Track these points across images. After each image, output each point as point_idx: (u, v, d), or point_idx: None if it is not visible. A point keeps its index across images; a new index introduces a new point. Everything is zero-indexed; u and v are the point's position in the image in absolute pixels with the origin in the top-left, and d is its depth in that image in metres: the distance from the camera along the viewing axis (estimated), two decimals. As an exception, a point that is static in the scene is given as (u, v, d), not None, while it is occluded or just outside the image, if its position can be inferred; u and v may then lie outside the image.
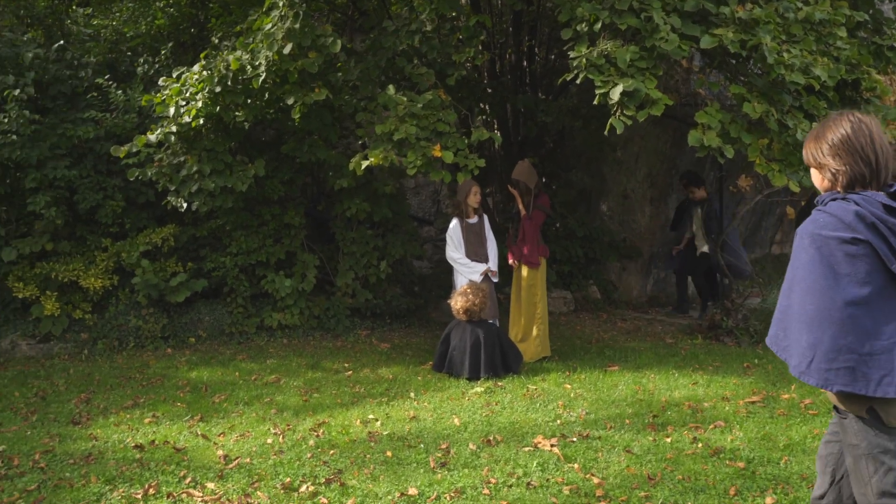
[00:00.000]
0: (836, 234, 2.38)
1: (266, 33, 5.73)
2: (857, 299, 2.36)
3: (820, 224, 2.43)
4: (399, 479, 4.02)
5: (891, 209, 2.38)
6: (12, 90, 7.31)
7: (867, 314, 2.36)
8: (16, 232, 7.80)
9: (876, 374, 2.34)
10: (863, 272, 2.36)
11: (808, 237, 2.46)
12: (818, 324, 2.40)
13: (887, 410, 2.39)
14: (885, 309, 2.37)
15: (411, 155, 5.67)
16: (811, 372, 2.42)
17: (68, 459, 4.52)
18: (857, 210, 2.38)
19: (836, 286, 2.38)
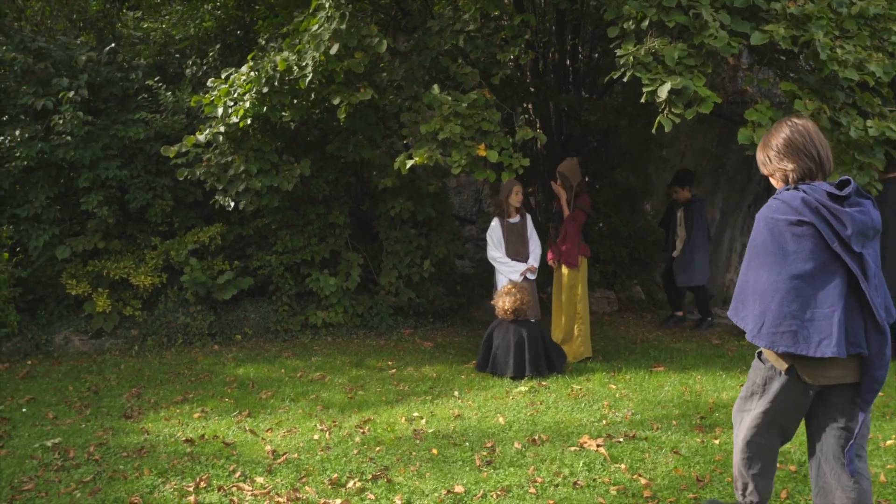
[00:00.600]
0: (785, 217, 2.77)
1: (313, 34, 5.79)
2: (802, 273, 2.73)
3: (773, 209, 2.82)
4: (445, 477, 4.04)
5: (833, 196, 2.74)
6: (67, 92, 7.50)
7: (810, 286, 2.73)
8: (69, 231, 8.01)
9: (816, 337, 2.70)
10: (807, 250, 2.73)
11: (762, 220, 2.86)
12: (769, 294, 2.77)
13: (810, 370, 2.80)
14: (826, 281, 2.72)
15: (456, 154, 5.68)
16: (761, 336, 2.80)
17: (122, 452, 4.63)
18: (804, 197, 2.76)
19: (784, 262, 2.76)
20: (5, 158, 7.67)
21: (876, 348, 2.73)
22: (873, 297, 2.72)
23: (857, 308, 2.74)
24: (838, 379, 2.79)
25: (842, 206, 2.74)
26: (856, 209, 2.74)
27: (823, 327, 2.69)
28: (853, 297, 2.74)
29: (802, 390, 2.86)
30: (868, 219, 2.75)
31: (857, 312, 2.74)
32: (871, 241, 2.79)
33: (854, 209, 2.74)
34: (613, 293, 9.29)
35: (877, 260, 2.82)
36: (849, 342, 2.71)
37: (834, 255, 2.72)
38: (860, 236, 2.73)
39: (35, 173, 7.76)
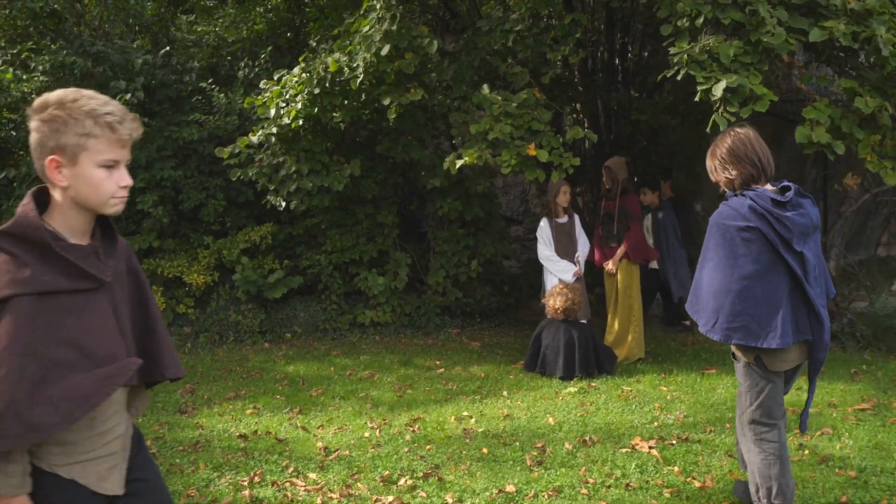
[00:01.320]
0: (735, 224, 3.03)
1: (364, 35, 5.85)
2: (751, 274, 3.01)
3: (723, 215, 3.08)
4: (496, 476, 4.04)
5: (776, 202, 3.00)
6: (124, 95, 7.69)
7: (758, 285, 3.01)
8: (125, 230, 8.20)
9: (764, 331, 3.00)
10: (755, 253, 3.00)
11: (714, 226, 3.13)
12: (723, 294, 3.05)
13: (769, 359, 3.11)
14: (773, 280, 3.01)
15: (506, 154, 5.68)
16: (716, 330, 3.07)
17: (178, 446, 4.73)
18: (751, 204, 3.00)
19: (734, 264, 3.03)
20: (65, 159, 7.89)
21: (817, 335, 3.07)
22: (814, 294, 3.04)
23: (801, 300, 3.06)
24: (795, 362, 3.17)
25: (784, 211, 3.01)
26: (796, 212, 3.03)
27: (770, 322, 3.00)
28: (797, 290, 3.05)
29: (773, 376, 3.17)
30: (807, 220, 3.04)
31: (801, 304, 3.06)
32: (810, 238, 3.09)
33: (794, 212, 3.03)
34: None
35: (817, 252, 3.15)
36: (796, 331, 3.04)
37: (778, 255, 3.01)
38: (801, 236, 3.03)
39: (93, 174, 7.95)
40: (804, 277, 3.02)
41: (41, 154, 1.79)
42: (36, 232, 1.76)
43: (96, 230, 1.92)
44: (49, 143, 1.78)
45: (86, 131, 1.78)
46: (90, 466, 1.89)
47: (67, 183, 1.80)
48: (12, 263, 1.74)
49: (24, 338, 1.71)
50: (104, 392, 1.82)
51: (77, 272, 1.80)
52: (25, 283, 1.72)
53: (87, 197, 1.82)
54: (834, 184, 8.38)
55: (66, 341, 1.78)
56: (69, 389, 1.77)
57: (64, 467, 1.85)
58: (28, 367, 1.71)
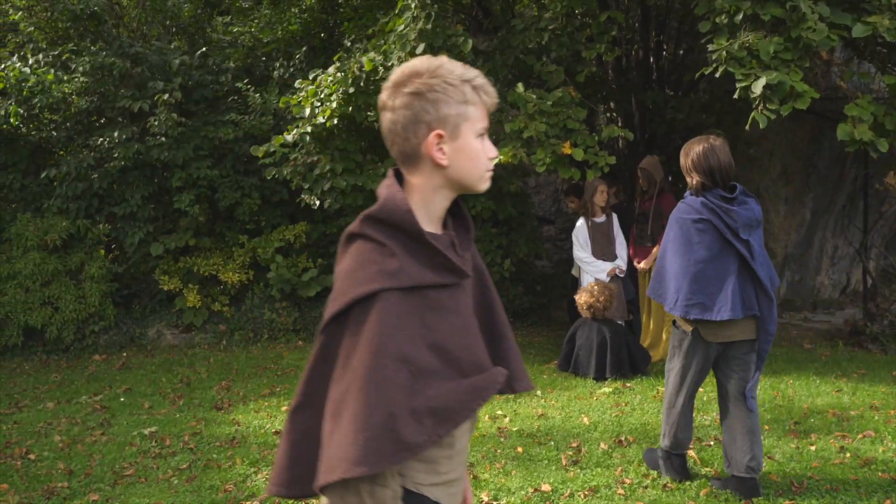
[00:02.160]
0: (690, 217, 3.61)
1: (399, 34, 5.86)
2: (704, 258, 3.57)
3: (681, 211, 3.67)
4: (531, 475, 4.02)
5: (725, 199, 3.56)
6: (162, 95, 7.80)
7: (710, 267, 3.56)
8: (162, 228, 8.32)
9: (717, 306, 3.53)
10: (707, 241, 3.56)
11: (673, 220, 3.70)
12: (681, 276, 3.60)
13: (707, 330, 3.62)
14: (723, 263, 3.56)
15: (541, 153, 5.65)
16: (677, 307, 3.61)
17: (215, 442, 4.78)
18: (703, 201, 3.59)
19: (690, 251, 3.59)
20: (104, 159, 8.03)
21: (766, 310, 3.57)
22: (760, 272, 3.55)
23: (749, 280, 3.57)
24: (734, 336, 3.61)
25: (731, 206, 3.55)
26: (742, 207, 3.57)
27: (722, 297, 3.52)
28: (745, 272, 3.57)
29: (707, 347, 3.66)
30: (751, 213, 3.58)
31: (749, 284, 3.57)
32: (755, 230, 3.62)
33: (740, 207, 3.57)
34: (697, 295, 9.08)
35: (761, 243, 3.66)
36: (744, 307, 3.53)
37: (728, 243, 3.55)
38: (746, 227, 3.56)
39: (131, 173, 8.09)
40: (751, 260, 3.55)
41: (416, 131, 1.54)
42: (406, 217, 1.51)
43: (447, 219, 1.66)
44: (427, 116, 1.53)
45: (465, 98, 1.56)
46: (448, 489, 1.63)
47: (448, 160, 1.55)
48: (378, 253, 1.50)
49: (394, 340, 1.46)
50: (471, 406, 1.55)
51: (444, 264, 1.55)
52: (393, 276, 1.48)
53: (467, 173, 1.58)
54: (875, 183, 8.23)
55: (433, 345, 1.52)
56: (434, 401, 1.50)
57: (428, 487, 1.58)
58: (399, 374, 1.46)
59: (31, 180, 8.33)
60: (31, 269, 7.64)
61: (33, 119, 8.39)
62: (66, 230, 7.86)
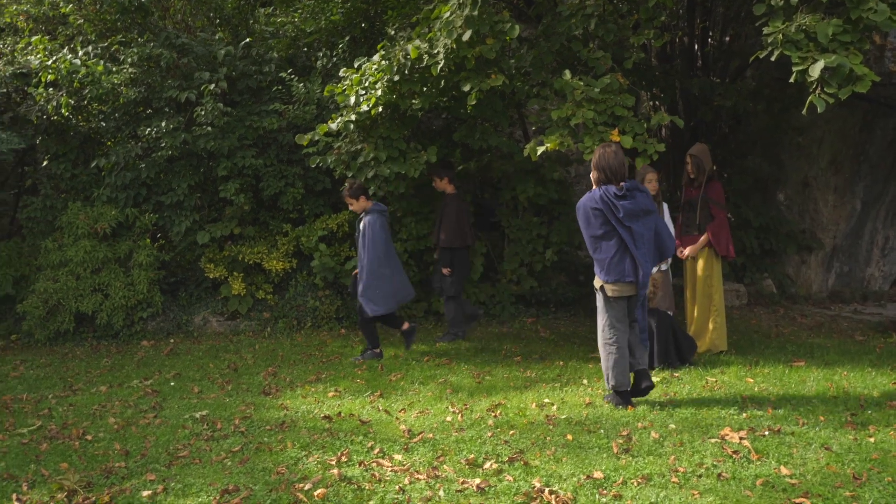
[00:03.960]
0: (590, 205, 4.80)
1: (445, 21, 5.83)
2: (598, 235, 4.80)
3: (584, 200, 4.86)
4: (582, 463, 4.00)
5: (616, 195, 4.73)
6: (208, 85, 7.88)
7: (603, 243, 4.79)
8: (208, 217, 8.42)
9: (605, 270, 4.81)
10: (600, 223, 4.77)
11: (580, 207, 4.88)
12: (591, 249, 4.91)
13: (608, 288, 4.85)
14: (610, 242, 4.77)
15: (588, 140, 5.60)
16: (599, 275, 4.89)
17: (265, 426, 4.83)
18: (600, 194, 4.76)
19: (589, 229, 4.83)
20: (152, 149, 8.15)
21: (641, 277, 4.78)
22: (637, 253, 4.73)
23: (628, 256, 4.76)
24: (627, 293, 4.85)
25: (619, 201, 4.73)
26: (627, 201, 4.75)
27: (609, 264, 4.78)
28: (626, 250, 4.76)
29: (614, 301, 4.89)
30: (635, 206, 4.76)
31: (629, 258, 4.76)
32: (642, 218, 4.80)
33: (626, 201, 4.75)
34: (742, 286, 8.94)
35: (649, 227, 4.85)
36: (622, 273, 4.76)
37: (612, 227, 4.75)
38: (629, 216, 4.74)
39: (178, 162, 8.20)
40: (631, 242, 4.73)
41: None
42: None
43: None
44: None
45: None
46: None
47: None
48: None
49: None
50: None
51: None
52: None
53: None
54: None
55: None
56: None
57: None
58: None
59: (81, 170, 8.48)
60: (81, 257, 7.79)
61: (83, 110, 8.54)
62: (115, 219, 8.00)
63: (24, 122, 8.51)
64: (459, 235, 7.14)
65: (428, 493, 3.65)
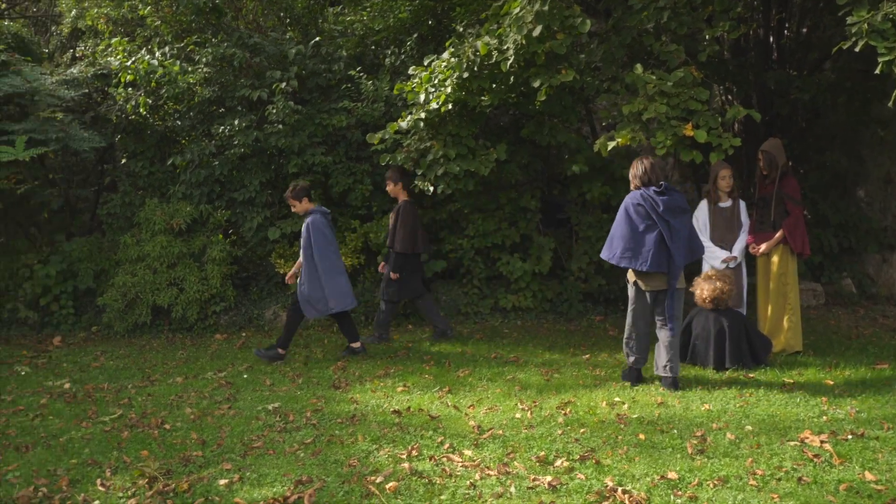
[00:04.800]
0: (633, 202, 5.29)
1: (515, 17, 5.81)
2: (636, 229, 5.22)
3: (629, 199, 5.33)
4: (656, 463, 3.94)
5: (656, 192, 5.23)
6: (279, 84, 8.02)
7: (641, 235, 5.21)
8: (278, 214, 8.58)
9: (642, 260, 5.20)
10: (640, 217, 5.23)
11: (623, 205, 5.34)
12: (620, 239, 5.29)
13: (642, 280, 5.33)
14: (649, 233, 5.19)
15: (660, 135, 5.50)
16: (614, 259, 5.32)
17: (336, 419, 4.90)
18: (641, 193, 5.27)
19: (630, 223, 5.25)
20: (225, 146, 8.34)
21: (673, 270, 5.23)
22: (672, 244, 5.17)
23: (664, 248, 5.20)
24: (657, 287, 5.30)
25: (658, 197, 5.22)
26: (665, 197, 5.22)
27: (644, 256, 5.21)
28: (662, 242, 5.19)
29: (644, 294, 5.38)
30: (673, 203, 5.22)
31: (664, 250, 5.20)
32: (678, 215, 5.24)
33: (664, 197, 5.22)
34: (819, 286, 8.66)
35: (683, 224, 5.27)
36: (657, 264, 5.19)
37: (653, 221, 5.20)
38: (668, 211, 5.20)
39: (250, 160, 8.38)
40: (668, 235, 5.17)
41: None
42: None
43: None
44: None
45: None
46: None
47: None
48: None
49: None
50: None
51: None
52: None
53: None
54: None
55: None
56: None
57: None
58: None
59: (157, 167, 8.75)
60: (158, 252, 8.03)
61: (159, 109, 8.79)
62: (190, 215, 8.21)
63: (104, 121, 8.83)
64: (411, 242, 7.13)
65: (499, 489, 3.65)
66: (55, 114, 7.76)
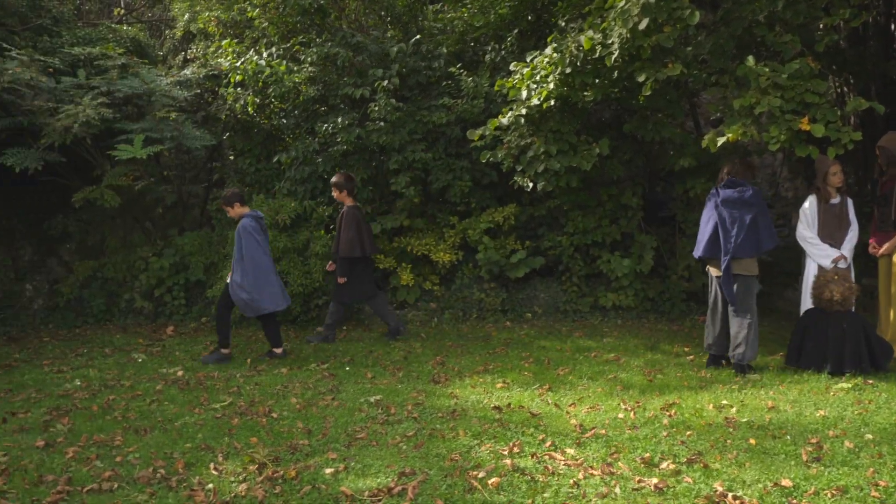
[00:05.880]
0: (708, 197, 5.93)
1: (620, 10, 5.70)
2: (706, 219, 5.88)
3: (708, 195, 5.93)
4: (768, 469, 3.79)
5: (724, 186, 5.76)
6: (381, 82, 8.15)
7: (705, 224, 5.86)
8: (379, 209, 8.72)
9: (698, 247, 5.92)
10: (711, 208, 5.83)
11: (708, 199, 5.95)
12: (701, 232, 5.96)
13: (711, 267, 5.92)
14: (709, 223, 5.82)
15: (774, 129, 5.29)
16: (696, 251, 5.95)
17: (436, 413, 4.94)
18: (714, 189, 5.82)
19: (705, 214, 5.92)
20: (328, 143, 8.54)
21: (722, 258, 5.60)
22: (724, 233, 5.60)
23: (717, 237, 5.63)
24: (715, 273, 5.77)
25: (722, 190, 5.67)
26: (729, 191, 5.63)
27: (699, 243, 5.81)
28: (717, 232, 5.64)
29: (713, 280, 5.85)
30: (735, 195, 5.59)
31: (718, 239, 5.63)
32: (739, 208, 5.57)
33: (728, 191, 5.64)
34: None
35: (744, 216, 5.55)
36: (707, 251, 5.73)
37: (714, 212, 5.66)
38: (725, 202, 5.63)
39: (352, 157, 8.55)
40: (722, 225, 5.62)
41: None
42: None
43: None
44: None
45: None
46: None
47: None
48: None
49: None
50: None
51: None
52: None
53: None
54: None
55: None
56: None
57: None
58: None
59: (263, 164, 9.04)
60: (264, 246, 8.29)
61: (265, 108, 9.08)
62: (294, 210, 8.44)
63: (213, 120, 9.19)
64: (358, 246, 7.19)
65: (603, 490, 3.59)
66: (170, 113, 8.12)
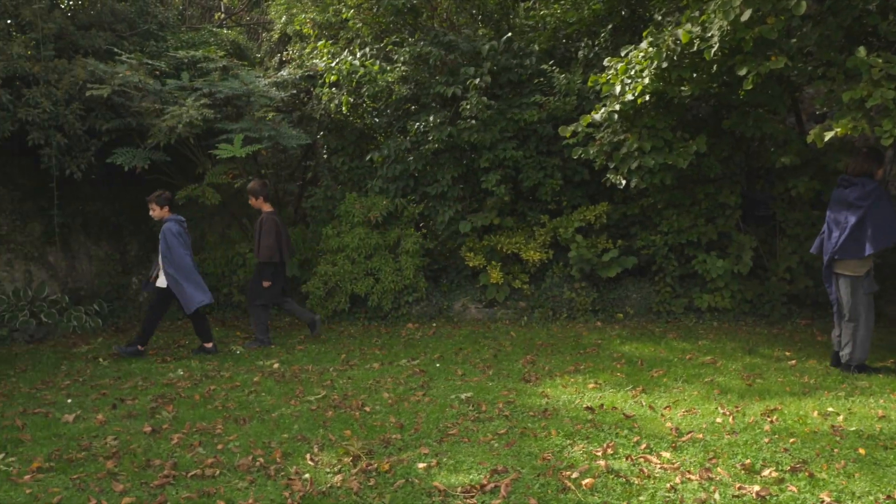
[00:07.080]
0: None
1: (721, 2, 5.52)
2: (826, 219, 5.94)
3: None
4: (880, 481, 3.60)
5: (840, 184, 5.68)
6: (473, 80, 8.16)
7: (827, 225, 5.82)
8: (469, 208, 8.74)
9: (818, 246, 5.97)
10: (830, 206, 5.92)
11: None
12: None
13: None
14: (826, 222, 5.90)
15: (887, 123, 5.01)
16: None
17: (528, 412, 4.91)
18: None
19: None
20: (419, 142, 8.61)
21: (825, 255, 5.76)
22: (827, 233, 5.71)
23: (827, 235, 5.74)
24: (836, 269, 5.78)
25: (838, 188, 5.63)
26: (844, 189, 5.55)
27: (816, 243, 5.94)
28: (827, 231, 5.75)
29: None
30: (844, 195, 5.53)
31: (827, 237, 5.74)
32: (844, 209, 5.52)
33: (842, 189, 5.57)
34: None
35: (849, 216, 5.47)
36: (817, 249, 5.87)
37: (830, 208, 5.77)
38: (833, 202, 5.67)
39: (443, 155, 8.59)
40: (828, 224, 5.66)
41: None
42: None
43: None
44: None
45: None
46: None
47: None
48: None
49: None
50: None
51: None
52: None
53: None
54: None
55: None
56: None
57: None
58: None
59: (356, 163, 9.20)
60: (356, 243, 8.45)
61: (358, 108, 9.24)
62: (386, 208, 8.56)
63: (308, 119, 9.41)
64: (274, 251, 7.34)
65: (702, 495, 3.49)
66: (267, 113, 8.36)
